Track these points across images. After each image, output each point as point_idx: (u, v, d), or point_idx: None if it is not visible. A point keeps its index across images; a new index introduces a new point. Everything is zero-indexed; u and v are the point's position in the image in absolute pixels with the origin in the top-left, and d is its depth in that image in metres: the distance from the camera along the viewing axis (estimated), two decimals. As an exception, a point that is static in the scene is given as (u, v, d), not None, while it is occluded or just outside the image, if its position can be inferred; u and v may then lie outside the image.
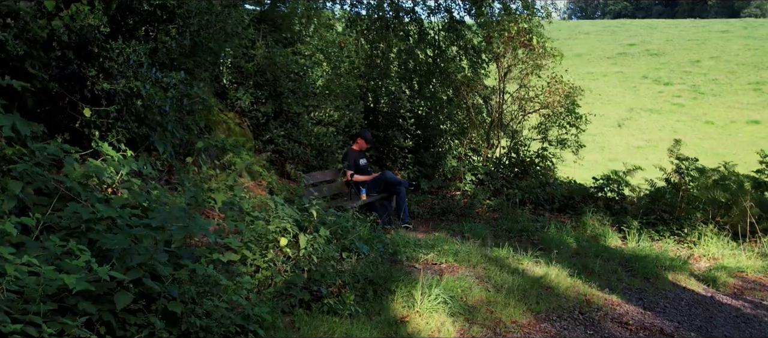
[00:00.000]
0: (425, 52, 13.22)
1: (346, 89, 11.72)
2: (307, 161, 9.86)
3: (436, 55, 13.00)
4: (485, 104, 12.64)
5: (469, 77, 12.45)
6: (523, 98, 11.78)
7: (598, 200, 10.90)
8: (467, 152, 12.14)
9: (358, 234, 6.13)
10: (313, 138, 10.01)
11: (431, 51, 13.15)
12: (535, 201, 10.80)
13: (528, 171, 11.43)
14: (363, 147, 9.39)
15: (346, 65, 12.09)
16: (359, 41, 12.90)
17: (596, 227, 9.23)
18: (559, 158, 11.69)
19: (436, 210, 10.16)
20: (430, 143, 11.98)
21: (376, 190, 9.14)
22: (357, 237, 6.04)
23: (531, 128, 11.95)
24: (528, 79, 11.58)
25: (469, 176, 11.36)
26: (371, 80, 12.27)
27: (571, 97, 11.26)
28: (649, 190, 10.87)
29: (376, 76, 12.19)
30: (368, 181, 9.14)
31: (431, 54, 13.12)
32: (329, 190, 8.98)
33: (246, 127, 9.90)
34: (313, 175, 8.63)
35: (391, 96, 11.80)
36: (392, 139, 11.42)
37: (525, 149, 11.64)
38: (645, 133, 26.55)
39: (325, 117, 10.51)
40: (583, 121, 11.63)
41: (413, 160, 11.52)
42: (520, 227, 9.19)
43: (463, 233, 8.75)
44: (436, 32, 12.81)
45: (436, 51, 13.03)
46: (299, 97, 9.97)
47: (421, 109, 12.17)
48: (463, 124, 12.49)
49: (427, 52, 13.20)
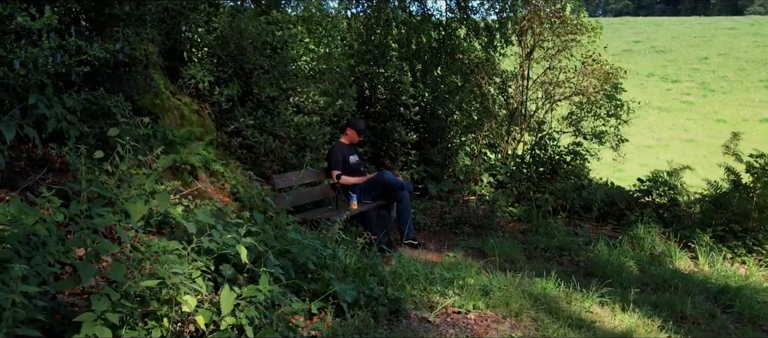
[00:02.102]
0: (429, 35, 11.12)
1: (335, 68, 9.63)
2: (284, 158, 7.75)
3: (443, 37, 10.88)
4: (502, 90, 10.53)
5: (482, 58, 10.34)
6: (550, 82, 9.65)
7: (646, 206, 8.80)
8: (482, 149, 10.01)
9: (339, 267, 4.00)
10: (293, 129, 7.90)
11: (436, 33, 11.04)
12: (569, 208, 8.69)
13: (557, 171, 9.31)
14: (354, 140, 7.27)
15: (336, 43, 9.96)
16: (352, 21, 10.80)
17: (656, 243, 7.11)
18: (594, 154, 9.57)
19: (447, 221, 8.05)
20: (438, 138, 9.85)
21: (370, 196, 7.01)
22: (337, 272, 3.91)
23: (560, 118, 9.83)
24: (557, 59, 9.45)
25: (486, 177, 9.25)
26: (366, 62, 10.13)
27: (611, 80, 9.14)
28: (710, 194, 8.78)
29: (371, 58, 10.05)
30: (361, 184, 7.02)
31: (436, 36, 11.01)
32: (310, 196, 6.86)
33: (206, 115, 7.78)
34: (287, 176, 6.50)
35: (390, 80, 9.66)
36: (392, 132, 9.30)
37: (553, 145, 9.52)
38: (654, 131, 25.12)
39: (307, 104, 8.38)
40: (626, 110, 9.51)
41: (418, 158, 9.39)
42: (557, 243, 7.10)
43: (486, 253, 6.66)
44: (441, 13, 10.76)
45: (441, 33, 10.92)
46: (274, 77, 7.86)
47: (427, 96, 10.04)
48: (477, 114, 10.35)
49: (432, 34, 11.09)
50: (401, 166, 9.43)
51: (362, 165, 7.49)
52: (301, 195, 6.62)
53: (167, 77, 7.53)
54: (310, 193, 6.85)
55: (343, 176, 6.92)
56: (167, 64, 7.66)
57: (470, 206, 8.63)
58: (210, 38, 7.96)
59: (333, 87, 8.90)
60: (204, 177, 7.08)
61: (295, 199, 6.44)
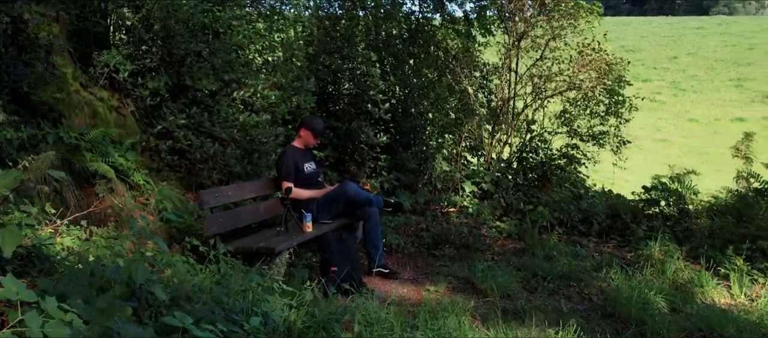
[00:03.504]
0: (400, 24, 9.76)
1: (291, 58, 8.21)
2: (226, 165, 6.31)
3: (415, 27, 9.52)
4: (483, 86, 9.20)
5: (459, 50, 9.01)
6: (540, 75, 8.33)
7: (653, 218, 7.56)
8: (463, 152, 8.66)
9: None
10: (237, 130, 6.48)
11: (407, 24, 9.69)
12: (565, 222, 7.40)
13: (549, 178, 8.01)
14: (310, 143, 5.85)
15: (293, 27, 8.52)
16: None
17: (679, 268, 5.83)
18: (591, 158, 8.30)
19: (425, 240, 6.67)
20: (412, 140, 8.46)
21: (330, 213, 5.60)
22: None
23: (552, 117, 8.53)
24: (548, 49, 8.14)
25: (468, 185, 7.90)
26: (329, 52, 8.71)
27: (612, 72, 7.87)
28: (725, 203, 7.59)
29: (335, 48, 8.63)
30: (318, 198, 5.60)
31: (407, 26, 9.64)
32: (253, 215, 5.41)
33: (129, 113, 6.30)
34: (219, 191, 5.04)
35: (357, 73, 8.24)
36: (358, 133, 7.89)
37: (545, 147, 8.21)
38: (626, 131, 24.58)
39: (256, 99, 6.94)
40: (628, 107, 8.24)
41: (388, 163, 7.99)
42: (560, 269, 5.77)
43: (476, 285, 5.31)
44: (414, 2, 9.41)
45: (413, 24, 9.56)
46: (213, 67, 6.42)
47: (399, 92, 8.65)
48: (456, 113, 8.99)
49: (403, 24, 9.74)
50: (369, 173, 8.02)
51: (320, 174, 6.07)
52: (240, 215, 5.16)
53: (78, 66, 6.04)
54: (254, 211, 5.40)
55: (295, 189, 5.49)
56: (79, 49, 6.18)
57: (451, 221, 7.29)
58: (134, 17, 6.49)
59: (287, 80, 7.46)
60: (123, 191, 5.61)
61: (231, 220, 4.99)
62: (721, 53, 37.76)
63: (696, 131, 24.81)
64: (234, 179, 6.28)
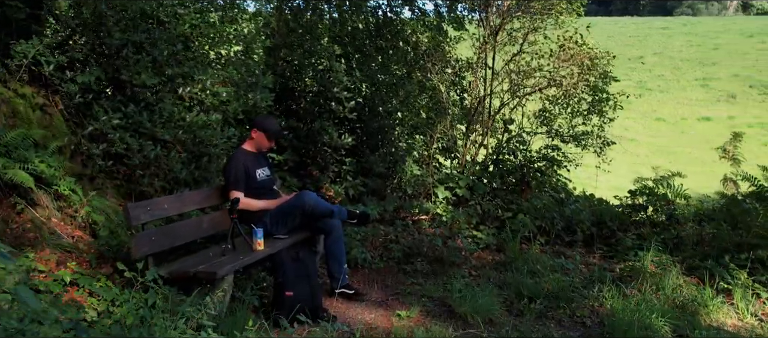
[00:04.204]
0: (367, 18, 9.07)
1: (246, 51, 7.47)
2: (170, 171, 5.52)
3: (382, 22, 8.84)
4: (456, 82, 8.54)
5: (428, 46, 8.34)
6: (518, 71, 7.70)
7: (640, 225, 6.99)
8: (434, 154, 7.97)
9: None
10: (183, 132, 5.71)
11: (374, 17, 9.00)
12: (547, 231, 6.79)
13: (528, 182, 7.38)
14: (263, 146, 5.10)
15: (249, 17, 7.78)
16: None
17: (679, 284, 5.23)
18: (573, 160, 7.70)
19: (394, 253, 5.97)
20: (380, 141, 7.75)
21: (285, 227, 4.86)
22: None
23: (532, 116, 7.90)
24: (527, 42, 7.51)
25: (441, 191, 7.23)
26: (289, 46, 7.97)
27: (596, 67, 7.27)
28: (715, 209, 7.08)
29: (296, 41, 7.89)
30: (271, 210, 4.86)
31: (374, 21, 8.96)
32: (196, 230, 4.63)
33: (57, 112, 5.48)
34: (153, 204, 4.25)
35: (319, 68, 7.50)
36: (320, 134, 7.16)
37: (523, 149, 7.58)
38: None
39: (205, 97, 6.17)
40: (612, 106, 7.66)
41: (354, 167, 7.27)
42: (546, 287, 5.12)
43: (452, 308, 4.63)
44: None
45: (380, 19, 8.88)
46: (155, 61, 5.65)
47: (365, 89, 7.93)
48: (426, 112, 8.31)
49: (370, 18, 9.05)
50: (333, 178, 7.29)
51: (276, 181, 5.32)
52: (178, 232, 4.39)
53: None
54: (196, 226, 4.62)
55: (244, 199, 4.75)
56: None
57: (423, 230, 6.61)
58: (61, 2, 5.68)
59: (241, 75, 6.70)
60: (47, 202, 4.82)
61: (167, 238, 4.23)
62: (687, 53, 38.14)
63: (663, 131, 24.99)
64: (180, 187, 5.51)
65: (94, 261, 4.42)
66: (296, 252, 4.54)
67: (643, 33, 45.82)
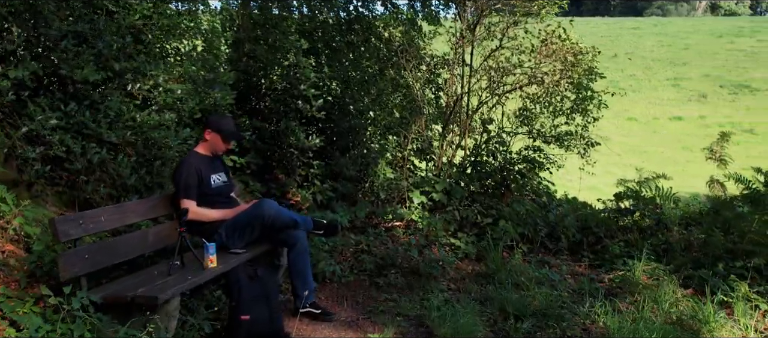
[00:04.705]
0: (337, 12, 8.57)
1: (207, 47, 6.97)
2: (119, 176, 4.95)
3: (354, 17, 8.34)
4: (431, 80, 8.07)
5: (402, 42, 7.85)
6: (497, 68, 7.24)
7: (627, 230, 6.59)
8: (409, 155, 7.48)
9: None
10: (132, 133, 5.15)
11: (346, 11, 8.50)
12: (530, 238, 6.34)
13: (509, 186, 6.94)
14: (218, 149, 4.54)
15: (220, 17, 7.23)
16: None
17: (677, 298, 4.81)
18: (555, 162, 7.27)
19: (366, 265, 5.46)
20: (350, 142, 7.24)
21: (243, 240, 4.32)
22: None
23: (512, 116, 7.45)
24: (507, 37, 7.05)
25: (416, 195, 6.74)
26: (253, 40, 7.42)
27: (580, 64, 6.85)
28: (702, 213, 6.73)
29: (261, 34, 7.35)
30: (227, 220, 4.32)
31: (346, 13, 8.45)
32: (138, 247, 4.06)
33: (-16, 111, 4.86)
34: (86, 216, 3.66)
35: (285, 64, 6.95)
36: (286, 135, 6.62)
37: (503, 150, 7.12)
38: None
39: (158, 95, 5.61)
40: (597, 104, 7.25)
41: (322, 170, 6.74)
42: (531, 302, 4.67)
43: (431, 329, 4.14)
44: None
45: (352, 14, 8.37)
46: (99, 54, 5.09)
47: (335, 87, 7.40)
48: (400, 111, 7.81)
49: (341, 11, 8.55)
50: (300, 182, 6.76)
51: (233, 188, 4.77)
52: (116, 248, 3.82)
53: None
54: (140, 241, 4.05)
55: (195, 209, 4.20)
56: None
57: (397, 239, 6.11)
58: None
59: (199, 70, 6.16)
60: (-30, 212, 4.21)
61: (103, 256, 3.66)
62: (658, 53, 38.49)
63: (635, 130, 24.91)
64: (129, 195, 4.94)
65: (24, 280, 3.83)
66: (254, 270, 4.00)
67: (614, 33, 46.09)
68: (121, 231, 4.34)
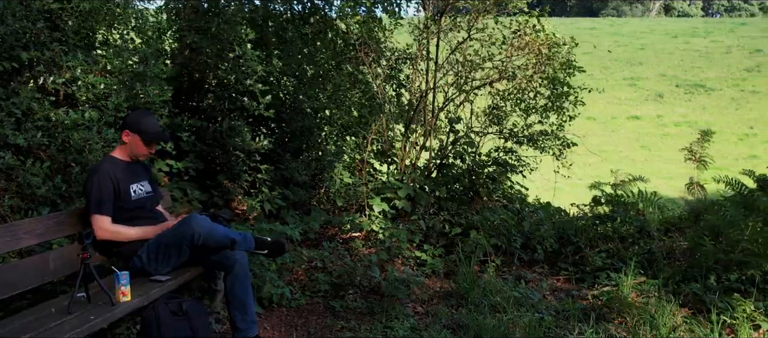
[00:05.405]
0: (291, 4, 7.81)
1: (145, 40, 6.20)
2: (28, 185, 4.15)
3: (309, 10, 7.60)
4: (392, 76, 7.39)
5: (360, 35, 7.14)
6: (464, 61, 6.60)
7: (607, 239, 6.03)
8: (370, 158, 6.78)
9: None
10: (44, 134, 4.37)
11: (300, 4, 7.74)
12: (503, 249, 5.72)
13: (479, 191, 6.31)
14: (139, 153, 3.76)
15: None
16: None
17: (676, 322, 4.23)
18: (528, 164, 6.68)
19: (320, 286, 4.74)
20: (304, 143, 6.51)
21: (168, 264, 3.56)
22: None
23: (481, 114, 6.82)
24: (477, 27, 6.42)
25: (377, 203, 6.05)
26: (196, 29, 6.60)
27: (555, 57, 6.26)
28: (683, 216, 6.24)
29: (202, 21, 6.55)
30: (149, 241, 3.55)
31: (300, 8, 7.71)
32: (35, 276, 3.26)
33: None
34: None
35: (230, 56, 6.16)
36: (231, 136, 5.85)
37: (472, 152, 6.49)
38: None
39: (76, 89, 4.80)
40: (573, 101, 6.68)
41: (272, 176, 5.98)
42: (511, 330, 4.02)
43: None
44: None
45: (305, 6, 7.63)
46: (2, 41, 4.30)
47: (286, 82, 6.66)
48: (358, 109, 7.11)
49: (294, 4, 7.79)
50: (246, 189, 6.00)
51: (160, 199, 4.01)
52: (8, 277, 3.03)
53: None
54: (37, 269, 3.25)
55: (112, 227, 3.44)
56: None
57: (357, 252, 5.41)
58: None
59: (125, 62, 5.35)
60: None
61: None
62: (615, 53, 38.77)
63: (594, 130, 24.98)
64: (40, 207, 4.15)
65: None
66: (178, 303, 3.24)
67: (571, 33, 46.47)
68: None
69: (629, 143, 22.45)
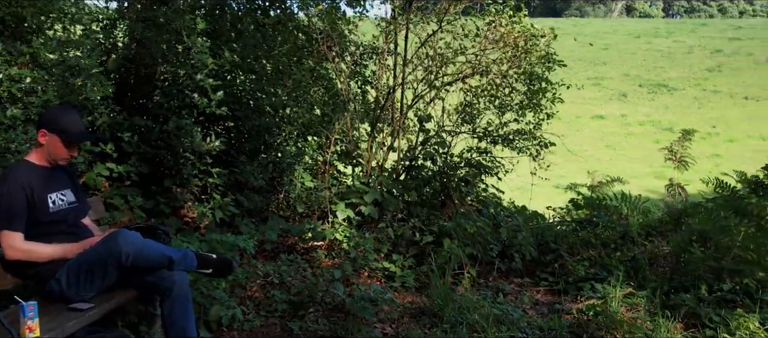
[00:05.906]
0: None
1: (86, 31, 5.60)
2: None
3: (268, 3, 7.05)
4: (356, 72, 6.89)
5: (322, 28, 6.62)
6: (435, 56, 6.14)
7: (589, 246, 5.63)
8: (333, 160, 6.26)
9: None
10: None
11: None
12: (479, 258, 5.27)
13: (451, 195, 5.85)
14: (59, 156, 3.18)
15: None
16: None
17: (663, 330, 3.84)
18: (501, 165, 6.26)
19: (277, 305, 4.21)
20: (261, 144, 5.96)
21: (92, 288, 3.01)
22: None
23: (452, 112, 6.37)
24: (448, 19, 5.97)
25: (341, 209, 5.54)
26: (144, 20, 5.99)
27: (532, 51, 5.84)
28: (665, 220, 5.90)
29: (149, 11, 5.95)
30: (69, 260, 2.98)
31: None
32: None
33: None
34: None
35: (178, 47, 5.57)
36: (179, 136, 5.27)
37: (444, 153, 6.03)
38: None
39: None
40: (551, 98, 6.28)
41: (224, 180, 5.41)
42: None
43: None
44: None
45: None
46: None
47: (242, 78, 6.11)
48: (321, 107, 6.58)
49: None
50: (197, 195, 5.43)
51: (87, 210, 3.44)
52: None
53: None
54: None
55: (24, 244, 2.87)
56: None
57: (318, 265, 4.90)
58: None
59: (61, 54, 4.75)
60: None
61: None
62: (579, 53, 39.03)
63: (560, 129, 25.00)
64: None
65: None
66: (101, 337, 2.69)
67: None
68: None
69: (594, 142, 22.59)
